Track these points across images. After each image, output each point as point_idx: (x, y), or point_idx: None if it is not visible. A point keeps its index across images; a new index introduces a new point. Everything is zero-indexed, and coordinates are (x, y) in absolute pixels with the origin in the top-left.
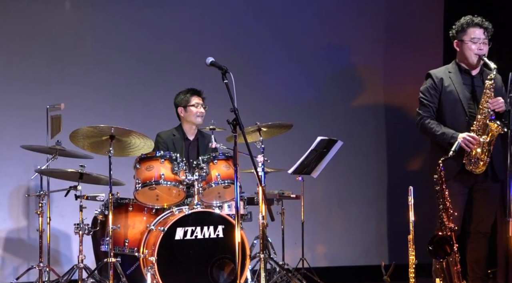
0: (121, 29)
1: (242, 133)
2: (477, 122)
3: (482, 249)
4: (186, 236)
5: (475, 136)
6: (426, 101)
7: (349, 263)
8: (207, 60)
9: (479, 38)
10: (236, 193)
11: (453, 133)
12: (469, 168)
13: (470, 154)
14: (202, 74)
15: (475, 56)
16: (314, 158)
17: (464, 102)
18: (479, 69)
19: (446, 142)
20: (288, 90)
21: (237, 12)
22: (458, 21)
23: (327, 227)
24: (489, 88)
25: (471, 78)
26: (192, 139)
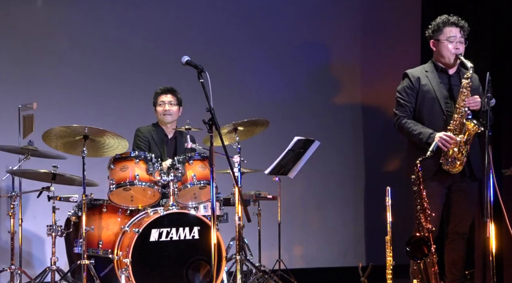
0: (95, 28)
1: (218, 133)
2: (454, 121)
3: (460, 250)
4: (161, 238)
5: (452, 135)
6: (403, 101)
7: (326, 264)
8: (182, 59)
9: (455, 37)
10: (212, 193)
11: (430, 133)
12: (446, 167)
13: (447, 154)
14: (178, 73)
15: (452, 55)
16: (291, 158)
17: (441, 101)
18: (456, 68)
19: (423, 142)
20: (264, 89)
21: (213, 11)
22: (434, 21)
23: (304, 228)
24: (465, 87)
25: (448, 77)
26: (170, 138)
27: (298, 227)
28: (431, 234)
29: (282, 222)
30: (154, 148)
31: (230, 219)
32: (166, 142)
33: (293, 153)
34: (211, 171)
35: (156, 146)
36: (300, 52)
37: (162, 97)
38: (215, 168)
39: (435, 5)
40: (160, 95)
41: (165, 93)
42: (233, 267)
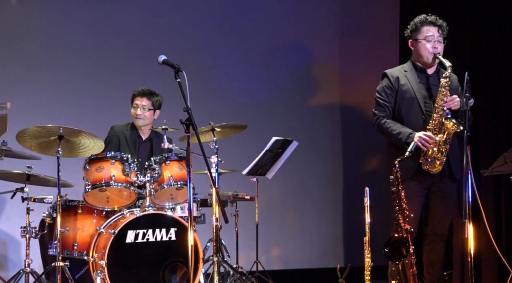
0: (70, 26)
1: (195, 133)
2: (433, 121)
3: (439, 251)
4: (138, 239)
5: (431, 135)
6: (382, 101)
7: (304, 265)
8: (159, 58)
9: (433, 36)
10: (189, 194)
11: (409, 133)
12: (426, 167)
13: (426, 153)
14: (155, 72)
15: (430, 55)
16: (269, 158)
17: (420, 101)
18: (435, 68)
19: (402, 141)
20: (242, 89)
21: (191, 10)
22: (412, 21)
23: (282, 229)
24: (444, 86)
25: (427, 77)
26: (144, 139)
27: (276, 228)
28: (410, 235)
29: (260, 223)
30: (125, 148)
31: (207, 220)
32: (140, 143)
33: (271, 153)
34: (188, 171)
35: (128, 146)
36: (278, 52)
37: (137, 100)
38: (192, 169)
39: (413, 5)
40: (136, 97)
41: (140, 96)
42: (210, 268)
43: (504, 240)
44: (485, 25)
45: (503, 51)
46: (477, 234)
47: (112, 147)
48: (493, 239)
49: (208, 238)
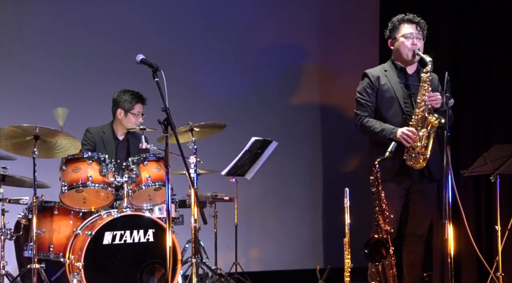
0: (46, 26)
1: (173, 133)
2: (415, 116)
3: (418, 252)
4: (115, 241)
5: (414, 130)
6: (364, 101)
7: (283, 267)
8: (137, 57)
9: (411, 33)
10: (167, 195)
11: (392, 129)
12: (410, 163)
13: (410, 149)
14: (132, 71)
15: (409, 51)
16: (248, 159)
17: (400, 100)
18: (416, 67)
19: (386, 138)
20: (221, 89)
21: (169, 9)
22: (391, 20)
23: (261, 230)
24: (425, 81)
25: (407, 77)
26: (121, 139)
27: (255, 229)
28: (390, 236)
29: (239, 224)
30: (101, 150)
31: (185, 221)
32: (117, 144)
33: (250, 153)
34: (166, 172)
35: (104, 148)
36: (258, 51)
37: (139, 107)
38: (170, 169)
39: (393, 4)
40: (138, 104)
41: (142, 103)
42: (188, 270)
43: (484, 241)
44: (465, 25)
45: (483, 51)
46: (457, 234)
47: (87, 149)
48: (473, 240)
49: (186, 239)
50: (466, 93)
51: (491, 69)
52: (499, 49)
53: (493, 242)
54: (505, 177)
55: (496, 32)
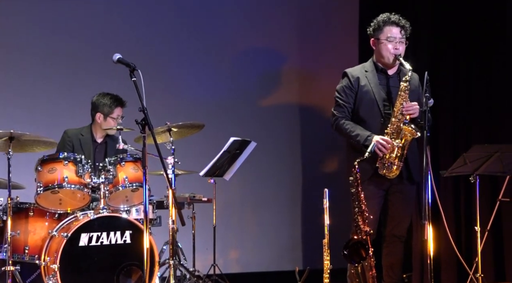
0: (21, 26)
1: (151, 133)
2: (391, 125)
3: (398, 253)
4: (91, 242)
5: (389, 140)
6: (342, 101)
7: (262, 268)
8: (114, 56)
9: (395, 37)
10: (144, 196)
11: (368, 135)
12: (383, 172)
13: (383, 158)
14: (109, 71)
15: (391, 56)
16: (226, 159)
17: (379, 103)
18: (396, 69)
19: (361, 143)
20: (199, 89)
21: (145, 8)
22: (375, 19)
23: (239, 232)
24: (404, 90)
25: (387, 78)
26: (100, 142)
27: (234, 231)
28: (369, 237)
29: (217, 225)
30: (79, 153)
31: (163, 223)
32: (95, 147)
33: (228, 154)
34: (143, 172)
35: (82, 151)
36: (236, 51)
37: (119, 111)
38: (148, 170)
39: (373, 4)
40: (117, 107)
41: (121, 106)
42: (166, 272)
43: (463, 241)
44: (445, 25)
45: (463, 52)
46: (437, 235)
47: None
48: (452, 241)
49: (164, 241)
50: (446, 93)
51: (471, 69)
52: (478, 49)
53: (473, 243)
54: (485, 177)
55: (476, 33)
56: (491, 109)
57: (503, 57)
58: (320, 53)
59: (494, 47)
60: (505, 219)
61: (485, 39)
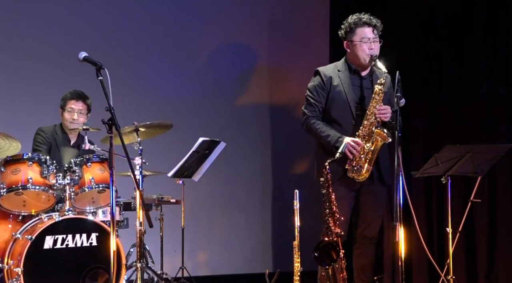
0: None
1: (118, 133)
2: (363, 127)
3: (369, 255)
4: (56, 245)
5: (360, 142)
6: (313, 100)
7: (231, 271)
8: (79, 55)
9: (369, 38)
10: (111, 197)
11: (338, 137)
12: (351, 175)
13: (353, 160)
14: (75, 70)
15: (367, 56)
16: (195, 160)
17: (351, 104)
18: (369, 70)
19: (331, 144)
20: (167, 88)
21: (112, 7)
22: (345, 21)
23: (209, 234)
24: (378, 93)
25: (360, 79)
26: (72, 143)
27: (203, 233)
28: (340, 239)
29: (185, 227)
30: (55, 152)
31: (130, 225)
32: (68, 148)
33: (197, 154)
34: (110, 173)
35: (58, 150)
36: (205, 50)
37: (72, 103)
38: (115, 171)
39: (344, 3)
40: (71, 100)
41: (76, 99)
42: (133, 275)
43: (435, 243)
44: (415, 25)
45: (434, 51)
46: (408, 237)
47: (44, 150)
48: (424, 242)
49: (131, 243)
50: (417, 93)
51: (441, 69)
52: (449, 49)
53: (445, 244)
54: (457, 178)
55: (447, 32)
56: (463, 109)
57: (474, 57)
58: (291, 51)
59: (465, 47)
60: (477, 220)
61: (456, 38)
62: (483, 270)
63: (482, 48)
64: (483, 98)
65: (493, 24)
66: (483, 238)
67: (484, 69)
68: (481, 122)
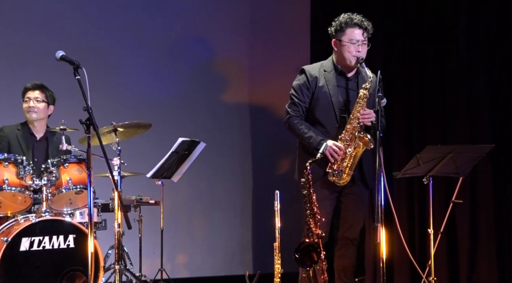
0: None
1: (96, 134)
2: (346, 131)
3: (350, 257)
4: (33, 247)
5: (342, 146)
6: (297, 100)
7: (211, 273)
8: (56, 54)
9: (357, 40)
10: (89, 199)
11: (321, 139)
12: (332, 178)
13: (334, 164)
14: (52, 69)
15: (353, 58)
16: (174, 160)
17: (336, 106)
18: (355, 71)
19: (313, 146)
20: (146, 87)
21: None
22: (337, 19)
23: (188, 235)
24: (362, 98)
25: (346, 81)
26: (39, 138)
27: (182, 234)
28: (321, 240)
29: (165, 228)
30: (17, 149)
31: (109, 226)
32: (34, 143)
33: (177, 155)
34: (88, 174)
35: (20, 147)
36: (186, 51)
37: (29, 93)
38: (92, 171)
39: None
40: (27, 91)
41: (32, 89)
42: (111, 277)
43: (417, 244)
44: (398, 25)
45: (416, 52)
46: (390, 238)
47: (3, 148)
48: (405, 244)
49: (109, 245)
50: (399, 93)
51: (424, 69)
52: (431, 49)
53: (426, 245)
54: (438, 178)
55: (428, 32)
56: (445, 109)
57: (456, 58)
58: (271, 51)
59: (447, 48)
60: (459, 220)
61: (438, 39)
62: (465, 271)
63: (464, 49)
64: (465, 98)
65: (475, 26)
66: (464, 239)
67: (466, 70)
68: (462, 123)
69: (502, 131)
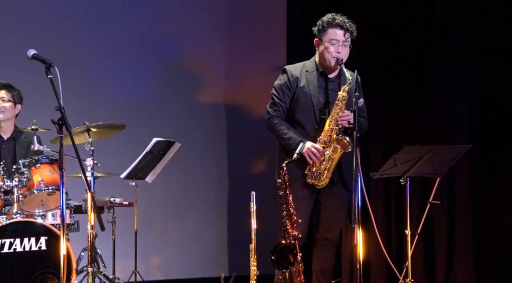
0: None
1: (69, 134)
2: (324, 133)
3: (329, 259)
4: (3, 249)
5: (320, 148)
6: (278, 100)
7: (186, 275)
8: (28, 52)
9: (338, 40)
10: (61, 200)
11: (300, 140)
12: (311, 181)
13: (312, 166)
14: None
15: (332, 59)
16: (149, 161)
17: (316, 107)
18: (337, 72)
19: (292, 147)
20: (120, 87)
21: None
22: (321, 19)
23: (162, 237)
24: (341, 100)
25: (326, 81)
26: (6, 138)
27: (156, 236)
28: (298, 241)
29: (138, 230)
30: None
31: (81, 228)
32: (1, 143)
33: (151, 155)
34: (61, 175)
35: None
36: (158, 48)
37: None
38: (65, 172)
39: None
40: None
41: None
42: (84, 280)
43: (394, 245)
44: (374, 24)
45: (393, 52)
46: (367, 239)
47: None
48: (382, 245)
49: (82, 247)
50: (376, 93)
51: (400, 69)
52: (408, 49)
53: (403, 246)
54: (415, 179)
55: (405, 32)
56: (422, 109)
57: (432, 57)
58: (247, 51)
59: (424, 48)
60: (436, 221)
61: (415, 38)
62: (442, 272)
63: (440, 48)
64: (441, 98)
65: (451, 26)
66: (442, 240)
67: (443, 70)
68: (439, 123)
69: (479, 131)
